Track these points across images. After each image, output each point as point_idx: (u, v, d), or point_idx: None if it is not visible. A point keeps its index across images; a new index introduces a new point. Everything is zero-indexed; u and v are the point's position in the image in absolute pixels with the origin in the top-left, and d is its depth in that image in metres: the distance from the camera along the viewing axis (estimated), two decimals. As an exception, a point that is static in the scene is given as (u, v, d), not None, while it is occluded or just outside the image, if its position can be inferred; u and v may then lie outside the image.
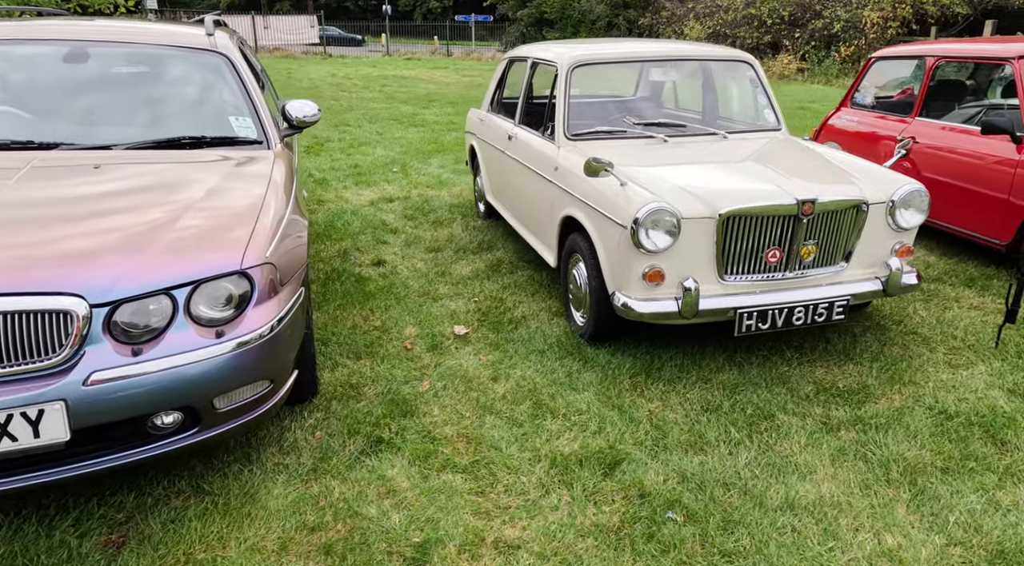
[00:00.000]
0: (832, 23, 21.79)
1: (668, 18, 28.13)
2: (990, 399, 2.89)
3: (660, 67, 4.26)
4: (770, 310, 3.06)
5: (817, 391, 2.98)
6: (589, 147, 3.73)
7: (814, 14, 22.59)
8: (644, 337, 3.44)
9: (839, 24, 21.60)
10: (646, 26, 30.11)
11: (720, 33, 24.89)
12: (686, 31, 26.01)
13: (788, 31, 23.02)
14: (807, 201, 3.00)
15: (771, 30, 23.29)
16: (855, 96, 5.68)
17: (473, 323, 3.64)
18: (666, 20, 28.22)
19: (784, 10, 23.12)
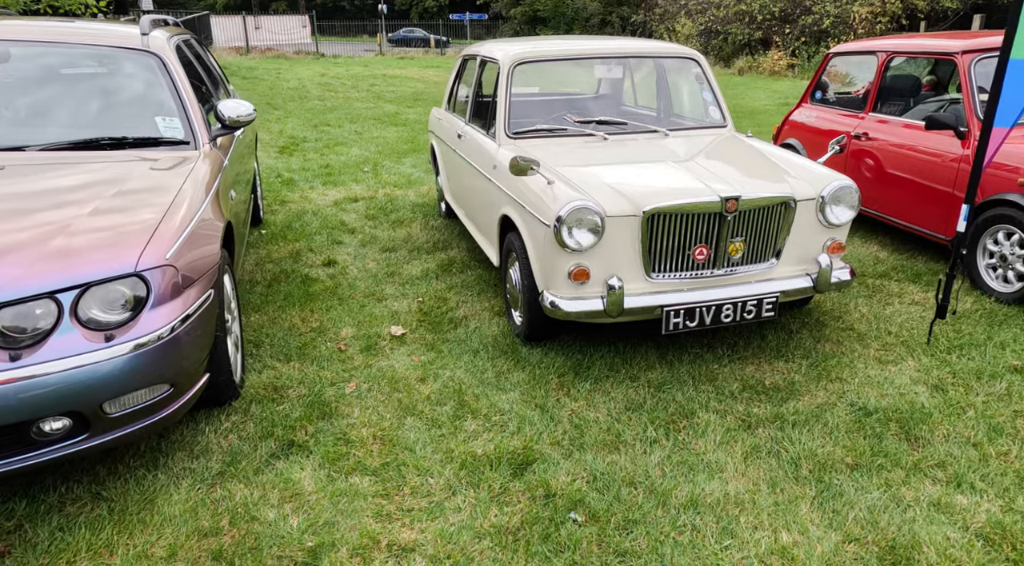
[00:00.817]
0: (822, 19, 21.77)
1: (661, 15, 28.11)
2: (912, 395, 2.88)
3: (604, 64, 4.24)
4: (698, 308, 3.06)
5: (743, 388, 2.98)
6: (529, 145, 3.72)
7: (804, 10, 22.56)
8: (579, 336, 3.43)
9: (828, 20, 21.58)
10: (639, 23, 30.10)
11: (711, 29, 24.88)
12: (677, 28, 26.01)
13: (779, 27, 22.99)
14: (731, 198, 2.99)
15: (762, 26, 23.26)
16: (814, 92, 5.67)
17: (412, 324, 3.63)
18: (659, 17, 28.19)
19: (775, 6, 23.09)
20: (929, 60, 5.10)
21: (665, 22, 27.45)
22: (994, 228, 3.84)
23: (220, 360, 2.66)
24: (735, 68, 22.63)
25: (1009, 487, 2.32)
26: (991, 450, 2.51)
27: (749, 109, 12.59)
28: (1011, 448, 2.52)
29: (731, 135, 3.99)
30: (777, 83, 18.52)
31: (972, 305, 3.77)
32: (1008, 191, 3.75)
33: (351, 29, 42.47)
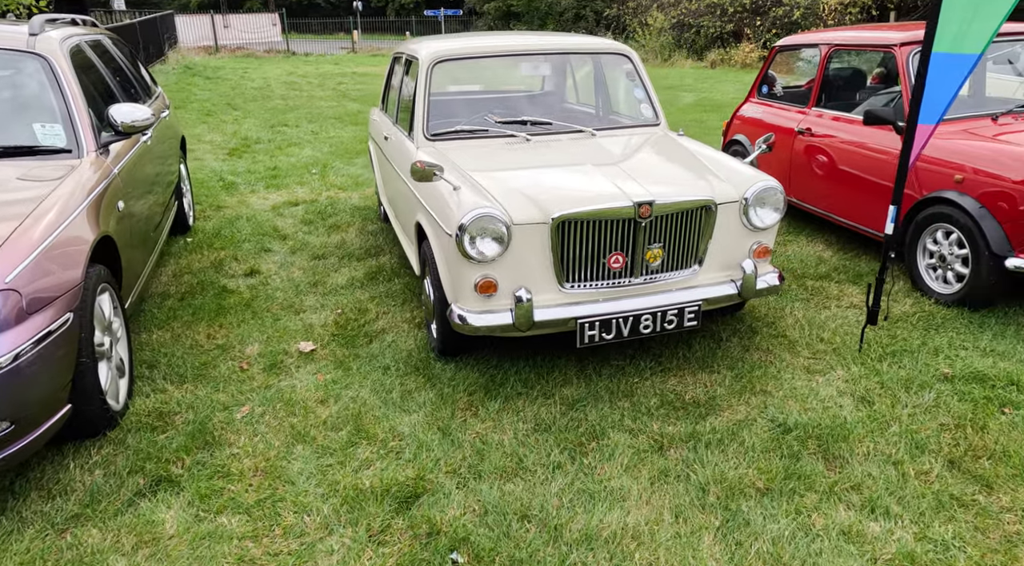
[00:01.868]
0: (792, 10, 21.74)
1: (635, 9, 27.98)
2: (835, 409, 2.74)
3: (530, 61, 4.06)
4: (614, 319, 2.89)
5: (661, 404, 2.82)
6: (448, 147, 3.53)
7: (775, 1, 22.53)
8: (497, 348, 3.25)
9: (799, 11, 21.55)
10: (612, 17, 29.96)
11: (684, 22, 24.78)
12: (649, 21, 25.89)
13: (750, 19, 22.95)
14: (644, 203, 2.82)
15: (733, 18, 23.20)
16: (760, 86, 5.53)
17: (325, 338, 3.43)
18: (632, 11, 28.06)
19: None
20: (876, 52, 4.98)
21: (639, 16, 27.32)
22: (933, 227, 3.72)
23: (87, 388, 2.44)
24: (708, 61, 22.55)
25: (925, 511, 2.18)
26: (911, 469, 2.37)
27: (717, 102, 12.48)
28: (932, 466, 2.39)
29: (662, 134, 3.82)
30: (748, 75, 18.46)
31: (911, 307, 3.64)
32: (945, 188, 3.63)
33: (327, 27, 41.87)
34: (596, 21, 33.32)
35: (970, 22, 2.61)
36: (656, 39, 25.33)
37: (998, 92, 5.27)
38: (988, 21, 2.58)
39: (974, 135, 3.67)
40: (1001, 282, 3.41)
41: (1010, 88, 6.86)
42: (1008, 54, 5.04)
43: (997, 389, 2.83)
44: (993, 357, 3.10)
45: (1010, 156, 3.38)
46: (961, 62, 2.65)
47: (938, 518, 2.15)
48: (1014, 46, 4.47)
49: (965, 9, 2.61)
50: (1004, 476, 2.32)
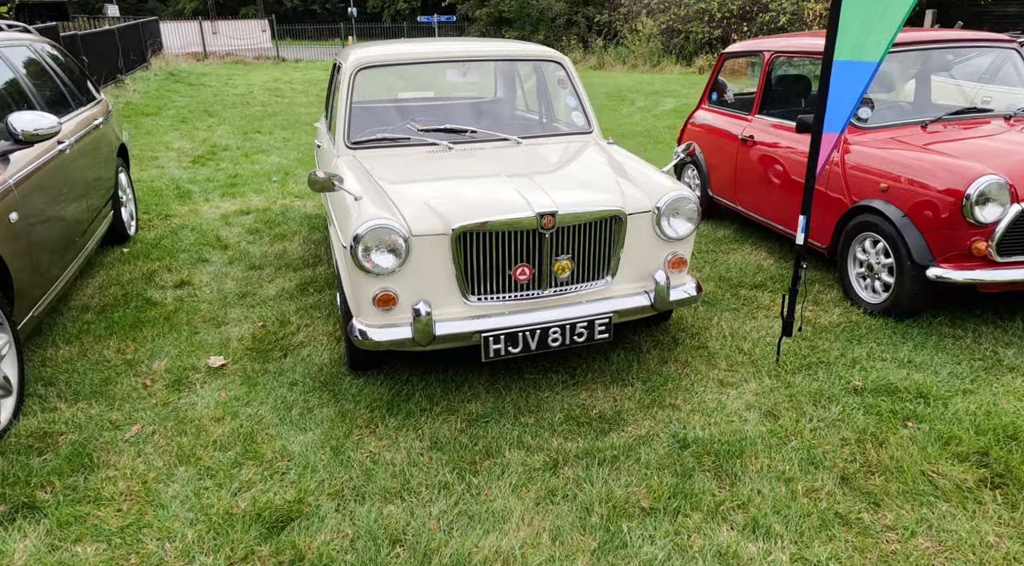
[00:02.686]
0: (779, 16, 21.79)
1: (626, 15, 28.03)
2: (739, 423, 2.68)
3: (460, 68, 4.01)
4: (520, 332, 2.83)
5: (566, 419, 2.76)
6: (367, 156, 3.48)
7: (761, 7, 22.57)
8: (410, 362, 3.19)
9: (785, 17, 21.59)
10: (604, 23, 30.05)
11: (672, 28, 24.82)
12: (638, 27, 25.93)
13: (738, 25, 22.99)
14: (546, 213, 2.77)
15: (721, 24, 23.24)
16: (711, 94, 5.48)
17: (239, 352, 3.37)
18: (623, 17, 28.11)
19: (733, 4, 23.08)
20: (815, 60, 4.94)
21: (629, 21, 27.37)
22: (862, 236, 3.67)
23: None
24: (696, 67, 22.58)
25: (807, 531, 2.12)
26: (802, 486, 2.31)
27: (691, 109, 12.46)
28: (824, 483, 2.32)
29: (591, 143, 3.77)
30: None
31: (839, 317, 3.59)
32: (872, 197, 3.58)
33: (323, 33, 41.89)
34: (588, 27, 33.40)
35: (867, 31, 2.57)
36: (645, 45, 25.37)
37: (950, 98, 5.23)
38: (885, 29, 2.54)
39: (901, 143, 3.62)
40: (924, 292, 3.36)
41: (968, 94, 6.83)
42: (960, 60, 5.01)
43: (905, 402, 2.77)
44: (909, 368, 3.04)
45: (934, 165, 3.33)
46: (862, 69, 2.61)
47: (819, 538, 2.09)
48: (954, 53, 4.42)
49: (862, 18, 2.56)
50: (893, 493, 2.26)
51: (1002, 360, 3.08)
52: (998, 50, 4.23)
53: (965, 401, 2.76)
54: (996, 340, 3.26)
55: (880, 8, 2.53)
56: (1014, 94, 4.16)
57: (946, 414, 2.67)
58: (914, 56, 4.27)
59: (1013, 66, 4.19)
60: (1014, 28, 16.08)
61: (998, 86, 6.52)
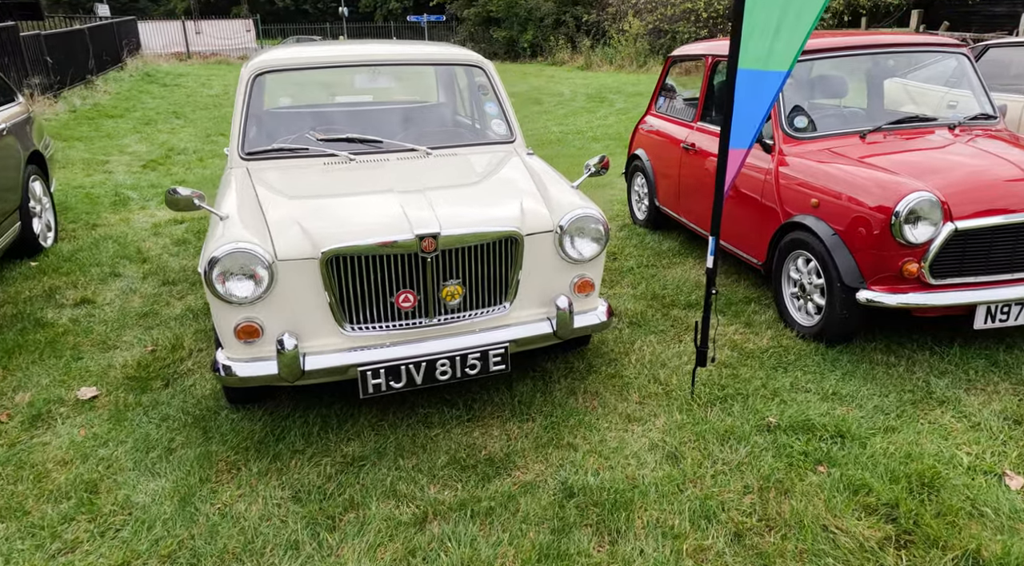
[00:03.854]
0: (763, 16, 21.60)
1: (614, 15, 27.81)
2: (636, 467, 2.44)
3: (370, 73, 3.76)
4: (403, 365, 2.58)
5: (450, 462, 2.51)
6: (262, 167, 3.23)
7: (747, 7, 22.38)
8: (295, 395, 2.93)
9: (770, 17, 21.42)
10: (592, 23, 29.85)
11: (659, 28, 24.61)
12: (624, 27, 25.72)
13: (724, 25, 22.79)
14: (427, 236, 2.52)
15: (707, 24, 23.05)
16: (658, 99, 5.25)
17: (118, 381, 3.11)
18: (611, 17, 27.89)
19: (719, 3, 22.89)
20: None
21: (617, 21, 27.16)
22: (795, 253, 3.44)
23: None
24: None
25: (683, 602, 1.89)
26: (688, 545, 2.07)
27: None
28: (714, 541, 2.09)
29: (511, 153, 3.52)
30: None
31: (768, 341, 3.35)
32: (804, 212, 3.35)
33: (314, 32, 41.53)
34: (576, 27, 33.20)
35: (773, 39, 2.33)
36: (632, 45, 25.20)
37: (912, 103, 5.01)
38: (793, 37, 2.31)
39: (836, 155, 3.39)
40: (856, 316, 3.13)
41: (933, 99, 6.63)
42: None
43: (821, 442, 2.54)
44: (832, 402, 2.81)
45: (864, 180, 3.10)
46: (770, 80, 2.37)
47: (695, 612, 1.86)
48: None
49: (767, 25, 2.33)
50: (788, 554, 2.02)
51: (933, 391, 2.85)
52: (947, 55, 4.00)
53: (885, 441, 2.53)
54: (931, 368, 3.03)
55: (788, 14, 2.30)
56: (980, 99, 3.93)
57: (862, 456, 2.44)
58: (858, 61, 4.05)
59: (963, 71, 3.96)
60: (1001, 28, 15.91)
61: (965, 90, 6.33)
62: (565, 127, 11.03)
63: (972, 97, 3.90)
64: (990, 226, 2.90)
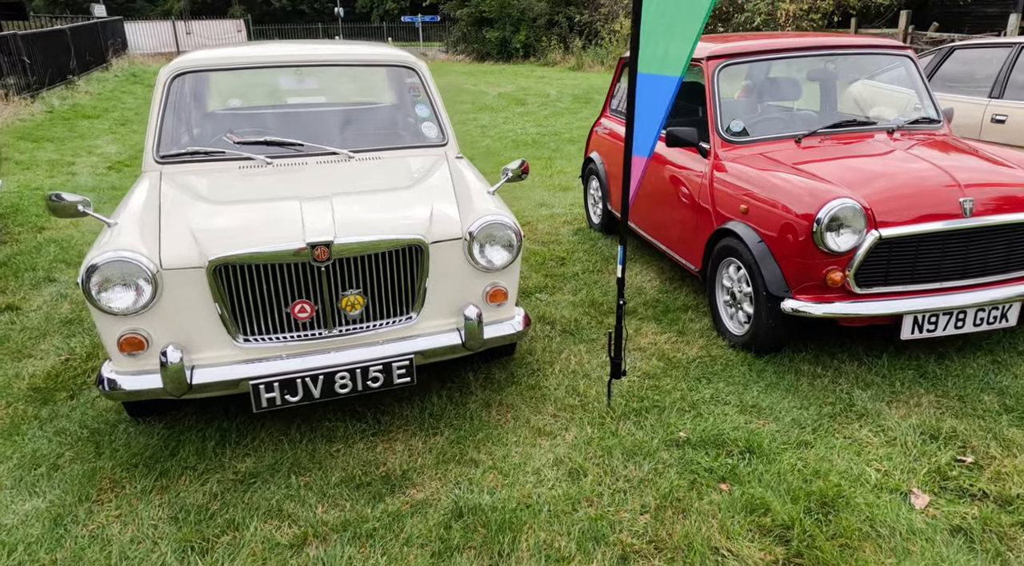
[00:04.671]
0: (754, 16, 21.52)
1: (606, 15, 27.73)
2: (534, 485, 2.34)
3: (295, 74, 3.67)
4: (299, 378, 2.49)
5: (345, 479, 2.42)
6: (174, 171, 3.13)
7: (737, 8, 22.30)
8: (199, 406, 2.84)
9: (760, 17, 21.32)
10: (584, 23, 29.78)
11: (650, 29, 24.52)
12: (615, 28, 25.64)
13: (714, 26, 22.71)
14: (320, 244, 2.43)
15: (697, 24, 22.96)
16: (612, 101, 5.16)
17: (21, 392, 3.00)
18: (604, 17, 27.81)
19: (709, 4, 22.80)
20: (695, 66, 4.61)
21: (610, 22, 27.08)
22: (727, 260, 3.35)
23: None
24: None
25: (551, 633, 1.80)
26: (570, 570, 1.99)
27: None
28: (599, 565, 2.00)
29: (441, 157, 3.42)
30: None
31: (699, 350, 3.26)
32: (734, 219, 3.26)
33: (311, 33, 41.44)
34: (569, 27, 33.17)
35: (668, 44, 2.25)
36: (623, 46, 25.18)
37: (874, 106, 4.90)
38: (683, 45, 2.22)
39: (768, 160, 3.30)
40: (782, 326, 3.04)
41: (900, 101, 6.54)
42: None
43: (729, 457, 2.45)
44: (750, 414, 2.72)
45: (790, 186, 3.00)
46: (666, 85, 2.29)
47: (562, 643, 1.77)
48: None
49: (662, 30, 2.25)
50: (669, 582, 1.94)
51: (854, 404, 2.76)
52: (892, 57, 3.91)
53: (796, 456, 2.44)
54: (856, 380, 2.94)
55: (677, 19, 2.21)
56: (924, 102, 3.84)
57: (768, 473, 2.35)
58: (801, 63, 3.96)
59: (907, 74, 3.88)
60: (992, 29, 15.83)
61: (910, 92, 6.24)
62: (543, 129, 10.94)
63: (917, 100, 3.82)
64: (915, 234, 2.81)
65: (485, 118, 11.67)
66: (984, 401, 2.74)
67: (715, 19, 22.69)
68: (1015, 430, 2.54)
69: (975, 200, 2.84)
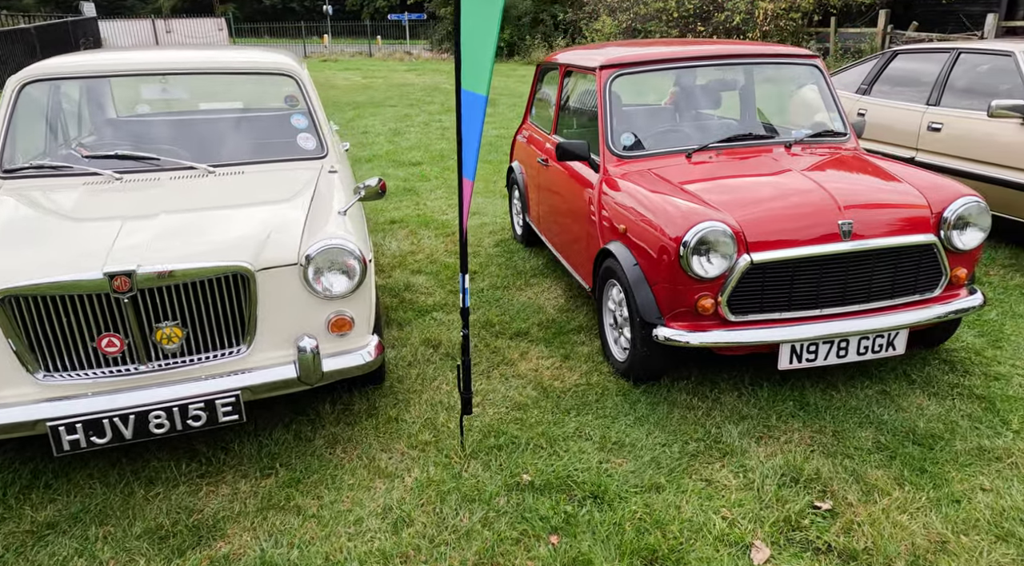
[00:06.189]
0: (733, 16, 21.35)
1: (591, 13, 27.54)
2: (349, 538, 2.15)
3: (160, 82, 3.46)
4: (106, 419, 2.29)
5: (150, 530, 2.21)
6: (18, 187, 2.93)
7: (717, 7, 22.13)
8: (20, 442, 2.62)
9: (739, 16, 21.17)
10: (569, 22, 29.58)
11: (632, 28, 24.34)
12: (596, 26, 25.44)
13: (694, 24, 22.55)
14: (120, 274, 2.23)
15: (679, 23, 22.80)
16: (532, 109, 4.96)
17: None
18: (588, 16, 27.62)
19: (690, 3, 22.63)
20: (590, 75, 4.43)
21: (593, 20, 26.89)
22: (610, 282, 3.16)
23: None
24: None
25: None
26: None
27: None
28: (386, 637, 1.82)
29: (312, 170, 3.22)
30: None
31: (579, 378, 3.07)
32: (615, 239, 3.07)
33: (304, 31, 41.10)
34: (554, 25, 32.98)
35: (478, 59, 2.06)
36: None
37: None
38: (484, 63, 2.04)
39: (654, 177, 3.10)
40: (657, 354, 2.85)
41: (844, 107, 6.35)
42: None
43: (572, 503, 2.26)
44: (609, 452, 2.53)
45: (665, 206, 2.80)
46: (480, 103, 2.10)
47: None
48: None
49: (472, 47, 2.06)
50: (455, 658, 1.75)
51: (721, 440, 2.57)
52: (798, 66, 3.72)
53: (642, 502, 2.26)
54: (731, 412, 2.76)
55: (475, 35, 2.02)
56: (830, 114, 3.66)
57: (604, 523, 2.17)
58: (706, 72, 3.78)
59: (816, 84, 3.69)
60: (977, 27, 15.69)
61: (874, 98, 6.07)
62: (506, 131, 10.72)
63: (823, 111, 3.64)
64: (790, 259, 2.63)
65: (449, 120, 11.43)
66: (858, 437, 2.56)
67: (695, 18, 22.54)
68: (880, 472, 2.36)
69: (855, 222, 2.66)
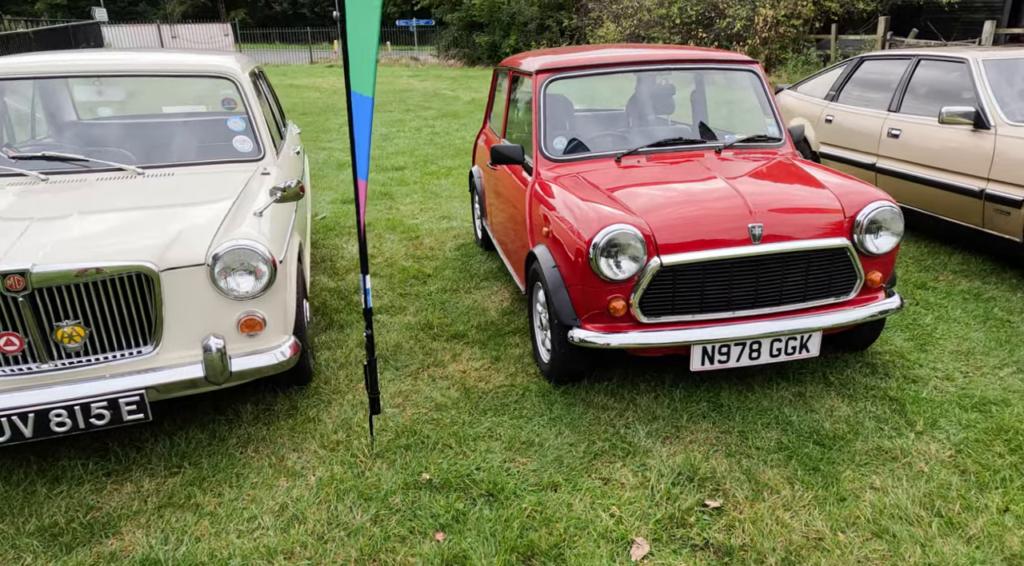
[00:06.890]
0: (734, 22, 21.34)
1: (595, 19, 27.62)
2: (239, 535, 2.16)
3: (95, 84, 3.51)
4: (3, 417, 2.31)
5: (44, 528, 2.22)
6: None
7: (719, 13, 22.12)
8: None
9: (740, 23, 21.15)
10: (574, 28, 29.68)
11: (635, 34, 24.38)
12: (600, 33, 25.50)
13: (697, 31, 22.55)
14: (12, 273, 2.27)
15: (681, 30, 22.81)
16: (490, 112, 4.98)
17: None
18: (593, 22, 27.70)
19: (692, 9, 22.64)
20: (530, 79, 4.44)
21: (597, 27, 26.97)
22: (537, 284, 3.16)
23: None
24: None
25: None
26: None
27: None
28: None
29: (246, 172, 3.25)
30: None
31: (504, 380, 3.07)
32: (540, 241, 3.08)
33: (316, 36, 41.47)
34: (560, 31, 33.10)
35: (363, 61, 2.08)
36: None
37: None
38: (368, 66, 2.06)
39: (580, 181, 3.10)
40: (577, 356, 2.85)
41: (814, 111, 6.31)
42: None
43: (466, 501, 2.27)
44: (515, 451, 2.54)
45: (583, 208, 2.80)
46: (367, 105, 2.12)
47: None
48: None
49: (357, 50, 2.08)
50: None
51: (625, 440, 2.57)
52: (735, 71, 3.71)
53: (536, 500, 2.26)
54: (644, 413, 2.75)
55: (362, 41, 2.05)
56: (766, 119, 3.65)
57: (493, 521, 2.16)
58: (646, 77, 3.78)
59: (752, 89, 3.68)
60: (979, 35, 15.61)
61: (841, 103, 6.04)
62: (491, 136, 10.78)
63: (761, 116, 3.63)
64: (699, 261, 2.62)
65: (441, 125, 11.47)
66: (763, 438, 2.55)
67: (697, 25, 22.55)
68: (774, 471, 2.35)
69: (764, 225, 2.66)
